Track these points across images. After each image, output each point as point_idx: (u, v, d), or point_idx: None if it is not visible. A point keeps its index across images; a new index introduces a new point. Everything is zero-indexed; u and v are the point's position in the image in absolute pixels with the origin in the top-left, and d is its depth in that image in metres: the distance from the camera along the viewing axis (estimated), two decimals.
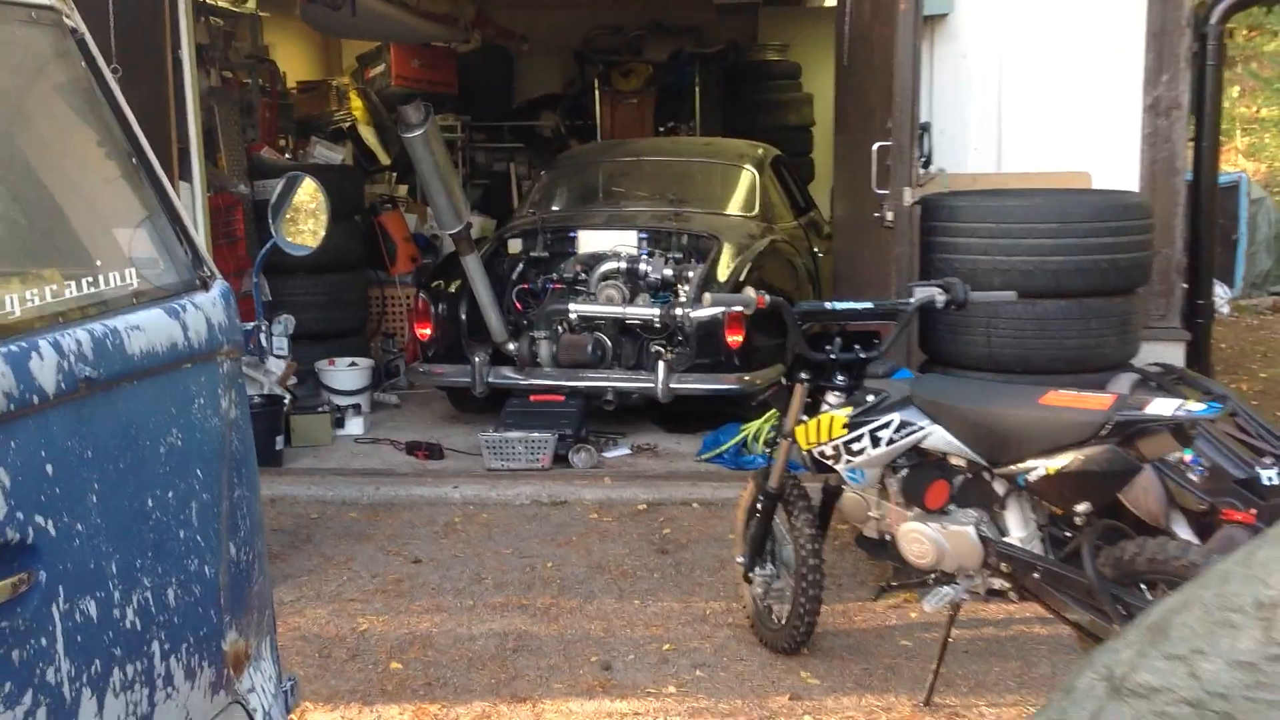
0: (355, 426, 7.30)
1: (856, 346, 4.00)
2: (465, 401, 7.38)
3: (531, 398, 6.90)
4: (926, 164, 4.85)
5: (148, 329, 2.06)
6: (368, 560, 5.41)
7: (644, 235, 7.34)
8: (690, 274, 7.12)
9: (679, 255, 7.25)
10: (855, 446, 3.84)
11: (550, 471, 6.41)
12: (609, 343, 7.08)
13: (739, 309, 3.93)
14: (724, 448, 6.61)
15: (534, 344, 7.06)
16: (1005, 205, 4.79)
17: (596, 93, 12.18)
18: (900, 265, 4.72)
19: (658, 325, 7.00)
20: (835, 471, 3.98)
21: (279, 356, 7.17)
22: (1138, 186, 5.76)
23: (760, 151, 8.51)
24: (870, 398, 3.85)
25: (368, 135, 10.52)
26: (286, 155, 8.52)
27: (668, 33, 12.36)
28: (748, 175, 8.08)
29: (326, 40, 12.11)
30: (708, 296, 3.94)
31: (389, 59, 11.05)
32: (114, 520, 1.94)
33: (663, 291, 7.19)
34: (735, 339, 6.85)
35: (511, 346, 7.11)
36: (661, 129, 12.03)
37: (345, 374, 7.63)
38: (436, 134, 6.52)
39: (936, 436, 3.71)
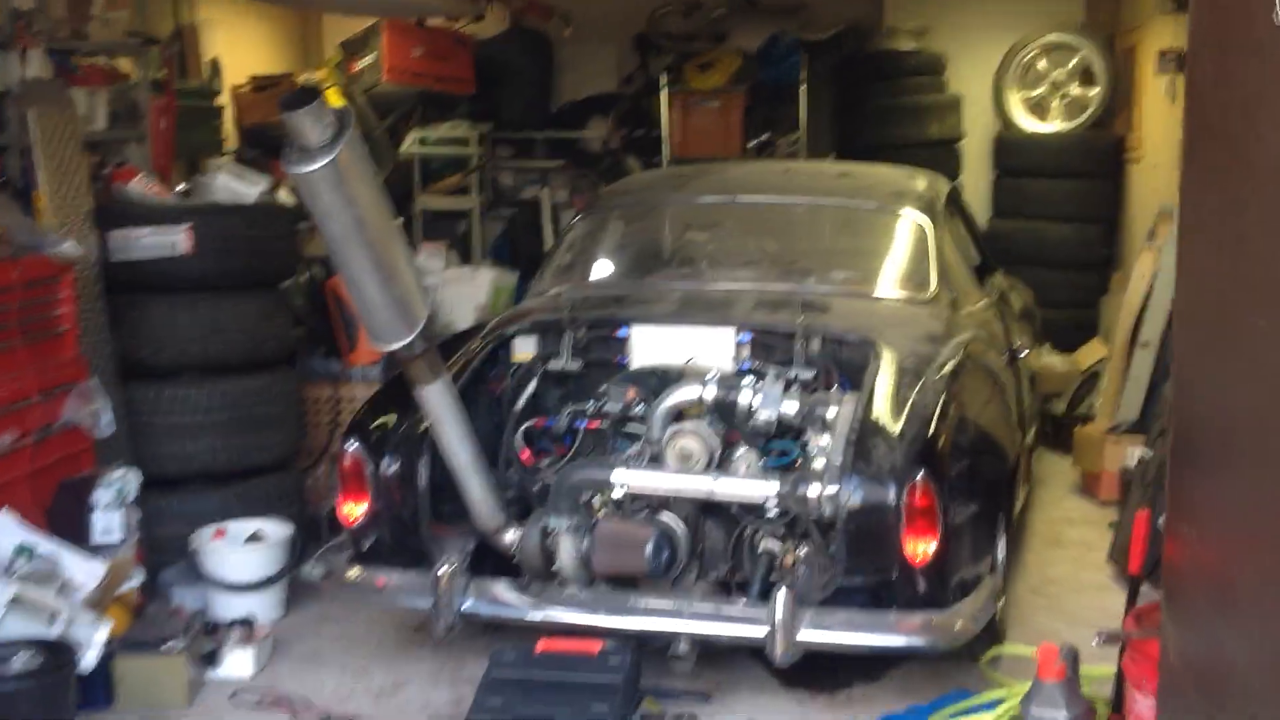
0: (239, 664, 4.19)
1: None
2: None
3: (542, 644, 3.76)
4: None
5: None
6: None
7: (746, 337, 4.21)
8: (830, 412, 3.94)
9: (810, 375, 4.10)
10: None
11: None
12: (683, 536, 3.94)
13: None
14: None
15: (549, 536, 3.94)
16: None
17: (664, 93, 9.07)
18: None
19: (773, 511, 3.85)
20: None
21: (101, 545, 4.13)
22: None
23: (924, 185, 5.31)
24: None
25: None
26: (182, 186, 5.46)
27: (763, 13, 9.18)
28: (916, 227, 4.88)
29: (304, 20, 9.07)
30: None
31: (380, 46, 8.06)
32: None
33: (781, 442, 4.03)
34: (924, 544, 3.67)
35: (509, 538, 4.00)
36: (752, 144, 8.86)
37: (238, 556, 4.56)
38: (358, 164, 3.42)
39: None
